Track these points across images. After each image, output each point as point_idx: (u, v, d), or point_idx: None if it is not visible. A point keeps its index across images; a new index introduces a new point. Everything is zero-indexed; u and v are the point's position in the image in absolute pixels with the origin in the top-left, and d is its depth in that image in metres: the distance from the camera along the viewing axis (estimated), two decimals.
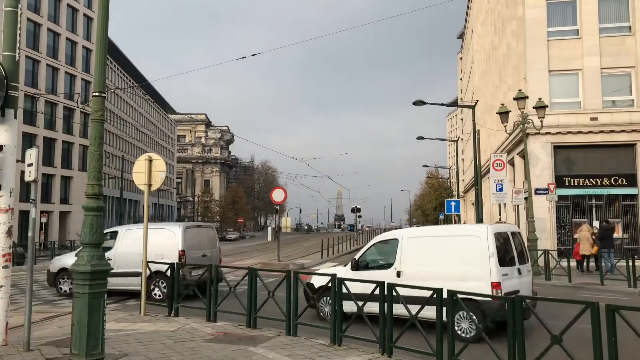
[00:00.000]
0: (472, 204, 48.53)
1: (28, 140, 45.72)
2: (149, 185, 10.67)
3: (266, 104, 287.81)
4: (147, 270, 10.58)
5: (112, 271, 6.62)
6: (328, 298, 9.51)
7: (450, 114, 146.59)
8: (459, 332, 8.38)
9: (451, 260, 9.32)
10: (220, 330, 8.74)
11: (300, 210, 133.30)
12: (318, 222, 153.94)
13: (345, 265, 10.98)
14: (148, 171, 10.70)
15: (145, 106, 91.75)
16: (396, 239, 10.33)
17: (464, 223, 53.65)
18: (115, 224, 67.44)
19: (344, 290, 7.90)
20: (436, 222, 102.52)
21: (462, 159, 66.85)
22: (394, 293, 7.14)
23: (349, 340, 7.72)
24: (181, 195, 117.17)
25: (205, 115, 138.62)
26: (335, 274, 8.31)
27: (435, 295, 6.56)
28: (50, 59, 52.39)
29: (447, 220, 62.23)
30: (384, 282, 7.35)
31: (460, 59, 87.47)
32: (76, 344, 5.56)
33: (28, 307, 7.36)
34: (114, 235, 14.56)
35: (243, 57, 20.69)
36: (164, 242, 13.49)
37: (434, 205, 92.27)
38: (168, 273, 11.12)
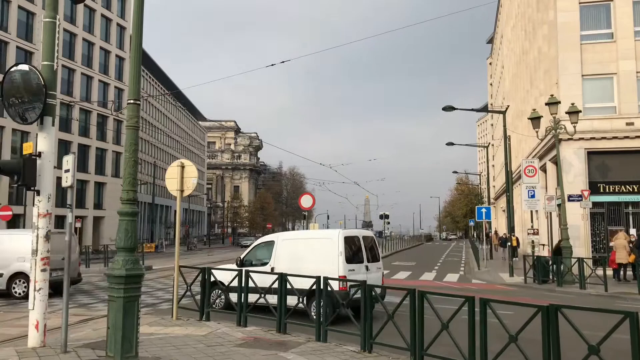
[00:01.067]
0: (503, 210, 47.77)
1: (63, 147, 46.90)
2: (181, 191, 10.84)
3: (294, 110, 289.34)
4: (180, 277, 10.72)
5: None
6: (218, 291, 11.74)
7: (480, 119, 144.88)
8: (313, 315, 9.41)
9: (313, 258, 11.39)
10: (251, 335, 8.80)
11: (328, 216, 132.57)
12: (346, 229, 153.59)
13: (231, 264, 12.91)
14: (180, 177, 10.88)
15: (177, 113, 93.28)
16: (273, 241, 12.61)
17: (495, 230, 52.86)
18: (147, 229, 68.62)
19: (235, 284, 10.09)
20: (466, 229, 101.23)
21: (493, 165, 65.90)
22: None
23: (379, 347, 7.68)
24: (211, 201, 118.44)
25: (235, 122, 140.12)
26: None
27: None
28: (85, 68, 53.78)
29: (478, 227, 61.38)
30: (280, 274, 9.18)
31: (490, 64, 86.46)
32: (111, 346, 5.68)
33: (65, 309, 7.54)
34: None
35: (272, 65, 20.94)
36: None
37: (464, 212, 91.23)
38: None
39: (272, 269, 11.60)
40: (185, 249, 58.69)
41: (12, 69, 8.31)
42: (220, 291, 11.74)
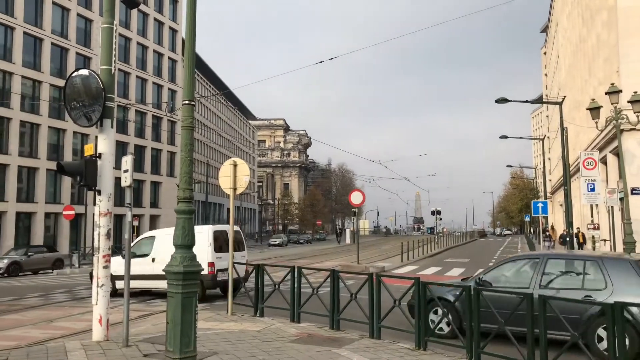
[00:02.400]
0: (561, 205, 46.13)
1: (121, 148, 48.67)
2: (234, 189, 11.02)
3: (343, 107, 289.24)
4: (234, 272, 10.92)
5: None
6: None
7: (535, 111, 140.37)
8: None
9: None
10: (304, 331, 8.86)
11: (378, 212, 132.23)
12: (396, 225, 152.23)
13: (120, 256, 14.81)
14: (233, 175, 11.05)
15: (227, 113, 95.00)
16: (154, 236, 15.36)
17: (552, 225, 51.16)
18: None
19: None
20: (522, 224, 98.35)
21: (549, 158, 63.74)
22: None
23: (434, 345, 7.58)
24: (262, 199, 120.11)
25: (284, 120, 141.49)
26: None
27: None
28: (140, 71, 55.56)
29: (534, 223, 59.51)
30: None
31: (545, 53, 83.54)
32: (171, 341, 5.84)
33: (126, 304, 7.83)
34: None
35: (321, 62, 20.99)
36: None
37: (519, 207, 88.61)
38: None
39: (153, 259, 14.43)
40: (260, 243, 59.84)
41: (73, 74, 8.66)
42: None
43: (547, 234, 33.09)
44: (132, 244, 14.91)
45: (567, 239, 23.57)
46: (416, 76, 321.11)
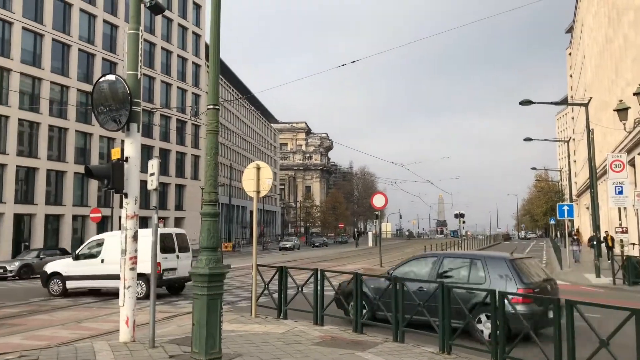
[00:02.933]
0: (587, 208, 45.28)
1: (146, 152, 49.38)
2: (258, 192, 11.11)
3: (364, 110, 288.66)
4: (258, 276, 10.99)
5: None
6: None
7: (560, 113, 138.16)
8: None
9: (138, 249, 14.75)
10: (328, 334, 8.88)
11: (401, 215, 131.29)
12: (419, 228, 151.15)
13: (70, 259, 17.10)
14: (256, 178, 11.15)
15: (250, 117, 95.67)
16: (103, 239, 16.88)
17: (577, 229, 50.26)
18: (225, 228, 70.87)
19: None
20: (546, 227, 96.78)
21: (575, 161, 62.62)
22: None
23: (458, 349, 7.52)
24: (284, 201, 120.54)
25: (306, 123, 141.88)
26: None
27: None
28: (164, 75, 56.33)
29: (559, 226, 58.54)
30: None
31: (570, 54, 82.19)
32: (196, 342, 5.91)
33: (152, 306, 7.95)
34: None
35: (343, 65, 21.03)
36: None
37: (544, 210, 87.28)
38: None
39: (102, 260, 15.95)
40: (261, 248, 60.09)
41: (100, 79, 8.85)
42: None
43: (575, 237, 32.48)
44: (82, 247, 17.50)
45: (595, 242, 23.15)
46: (439, 78, 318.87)
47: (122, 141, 8.77)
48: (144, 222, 45.07)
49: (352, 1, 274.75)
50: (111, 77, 8.84)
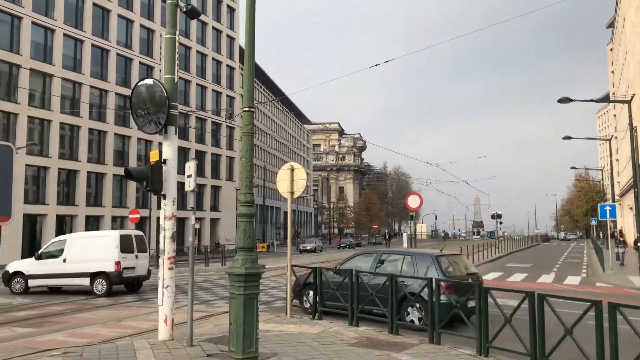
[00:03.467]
0: (631, 208, 43.83)
1: (182, 154, 50.27)
2: (292, 193, 11.18)
3: (398, 110, 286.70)
4: (293, 276, 11.04)
5: None
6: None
7: (601, 110, 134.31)
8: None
9: (98, 250, 17.13)
10: (363, 335, 8.86)
11: (436, 216, 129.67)
12: (455, 229, 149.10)
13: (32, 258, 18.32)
14: (290, 179, 11.22)
15: (283, 118, 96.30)
16: (65, 239, 18.29)
17: (621, 230, 48.74)
18: (259, 229, 71.51)
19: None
20: (587, 228, 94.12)
21: (617, 160, 60.78)
22: None
23: (496, 352, 7.39)
24: (317, 202, 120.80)
25: (339, 124, 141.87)
26: None
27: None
28: (199, 78, 57.22)
29: (600, 227, 56.87)
30: None
31: (611, 50, 79.80)
32: (233, 341, 5.98)
33: (190, 305, 8.08)
34: None
35: (376, 65, 20.93)
36: None
37: (585, 210, 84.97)
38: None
39: (65, 260, 17.24)
40: (295, 249, 60.41)
41: (139, 83, 9.04)
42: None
43: (621, 239, 31.44)
44: (44, 247, 18.80)
45: (639, 244, 22.40)
46: (473, 78, 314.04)
47: (160, 144, 8.95)
48: (181, 223, 45.90)
49: (383, 1, 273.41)
50: (149, 80, 9.01)
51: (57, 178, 41.00)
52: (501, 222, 58.72)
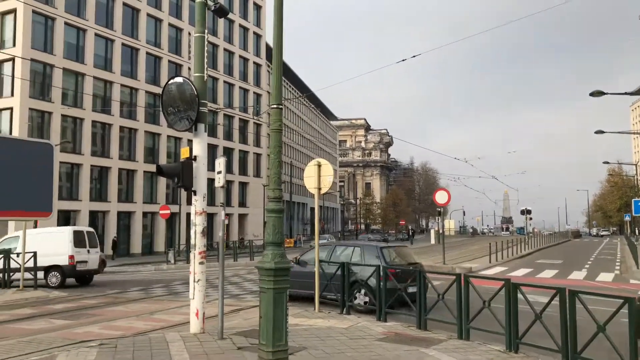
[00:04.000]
0: None
1: (211, 151, 50.85)
2: (319, 189, 11.25)
3: (425, 105, 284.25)
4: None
5: None
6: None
7: (634, 103, 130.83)
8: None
9: (53, 244, 18.28)
10: (391, 330, 8.89)
11: (464, 212, 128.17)
12: (483, 225, 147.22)
13: None
14: (317, 175, 11.29)
15: (309, 114, 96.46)
16: (18, 236, 18.65)
17: None
18: (286, 225, 71.91)
19: None
20: (621, 224, 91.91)
21: None
22: None
23: (526, 348, 7.34)
24: (344, 198, 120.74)
25: (365, 119, 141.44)
26: None
27: None
28: (227, 76, 57.75)
29: (635, 223, 55.48)
30: None
31: None
32: (263, 335, 6.08)
33: (220, 299, 8.23)
34: None
35: (403, 60, 20.83)
36: None
37: (618, 206, 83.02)
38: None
39: (18, 254, 17.28)
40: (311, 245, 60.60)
41: (169, 82, 9.21)
42: None
43: None
44: None
45: None
46: (501, 72, 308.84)
47: (189, 141, 9.13)
48: (210, 218, 46.49)
49: None
50: (179, 79, 9.18)
51: (89, 175, 41.96)
52: (531, 218, 57.80)
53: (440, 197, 24.36)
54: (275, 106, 7.14)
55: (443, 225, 28.58)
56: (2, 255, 17.37)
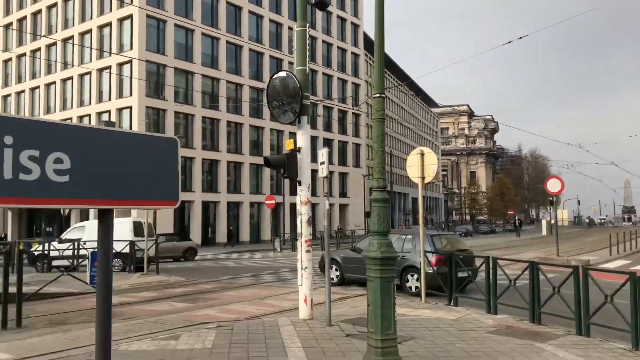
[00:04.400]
0: None
1: (311, 143, 51.67)
2: (422, 178, 11.07)
3: (533, 89, 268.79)
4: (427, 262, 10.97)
5: None
6: None
7: None
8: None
9: (116, 234, 16.30)
10: (502, 323, 8.58)
11: (579, 201, 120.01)
12: (601, 215, 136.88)
13: None
14: (420, 164, 11.12)
15: (409, 102, 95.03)
16: (84, 225, 22.81)
17: None
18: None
19: None
20: None
21: None
22: None
23: None
24: (447, 188, 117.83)
25: (468, 105, 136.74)
26: None
27: None
28: (325, 68, 58.38)
29: None
30: None
31: None
32: (372, 323, 6.12)
33: (327, 287, 8.42)
34: None
35: (509, 42, 19.88)
36: None
37: None
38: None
39: (85, 242, 19.62)
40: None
41: (273, 76, 9.51)
42: None
43: None
44: (65, 232, 22.84)
45: None
46: (616, 50, 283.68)
47: (291, 133, 9.39)
48: (312, 208, 47.54)
49: None
50: (282, 73, 9.45)
51: (201, 167, 44.47)
52: None
53: (552, 186, 23.02)
54: (377, 95, 7.12)
55: (556, 215, 26.90)
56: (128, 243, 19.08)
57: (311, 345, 6.89)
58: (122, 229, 20.86)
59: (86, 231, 21.69)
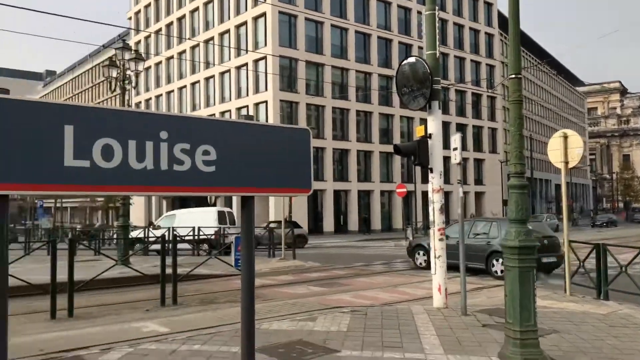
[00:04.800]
0: None
1: (443, 128, 50.36)
2: (566, 163, 10.31)
3: None
4: (570, 252, 10.25)
5: None
6: None
7: None
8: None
9: (202, 221, 21.73)
10: None
11: None
12: None
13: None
14: (563, 148, 10.36)
15: (550, 82, 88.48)
16: (174, 214, 25.51)
17: None
18: (528, 202, 67.73)
19: None
20: None
21: None
22: None
23: None
24: (596, 173, 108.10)
25: (620, 82, 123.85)
26: None
27: None
28: (457, 50, 56.42)
29: None
30: None
31: None
32: (510, 313, 5.88)
33: (462, 276, 8.22)
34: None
35: None
36: None
37: None
38: None
39: (175, 229, 19.91)
40: (571, 225, 55.45)
41: (402, 63, 9.43)
42: None
43: None
44: (158, 220, 24.90)
45: None
46: None
47: (421, 120, 9.27)
48: (445, 196, 46.45)
49: None
50: (412, 59, 9.33)
51: (332, 157, 45.55)
52: None
53: None
54: (513, 76, 6.76)
55: None
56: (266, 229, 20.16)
57: (446, 333, 6.80)
58: (207, 217, 22.70)
59: (177, 219, 23.76)
